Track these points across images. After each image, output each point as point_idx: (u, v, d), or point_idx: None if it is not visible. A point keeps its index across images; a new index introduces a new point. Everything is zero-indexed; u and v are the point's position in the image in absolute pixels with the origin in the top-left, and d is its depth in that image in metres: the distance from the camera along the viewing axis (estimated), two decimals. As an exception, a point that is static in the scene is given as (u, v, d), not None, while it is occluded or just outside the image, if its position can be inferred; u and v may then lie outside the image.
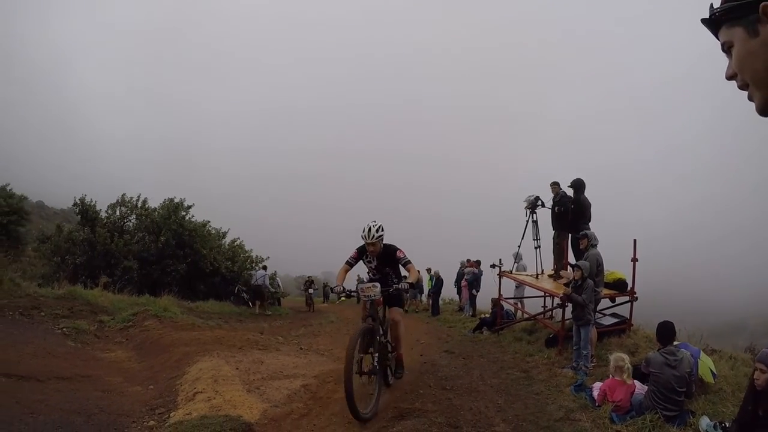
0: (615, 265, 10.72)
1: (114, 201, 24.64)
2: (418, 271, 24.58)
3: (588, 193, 11.44)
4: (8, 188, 27.35)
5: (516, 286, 15.30)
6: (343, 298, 7.51)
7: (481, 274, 18.77)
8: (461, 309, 20.41)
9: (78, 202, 23.55)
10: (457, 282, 21.12)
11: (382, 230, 7.05)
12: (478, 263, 19.29)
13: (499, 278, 14.00)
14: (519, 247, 13.91)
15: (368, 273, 7.60)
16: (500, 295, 14.11)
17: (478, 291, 18.84)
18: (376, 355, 6.44)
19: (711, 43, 1.34)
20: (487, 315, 15.02)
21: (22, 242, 27.19)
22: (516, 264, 14.94)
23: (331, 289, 8.21)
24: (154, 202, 25.39)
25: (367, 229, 6.96)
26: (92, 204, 23.69)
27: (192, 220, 25.11)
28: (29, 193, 32.33)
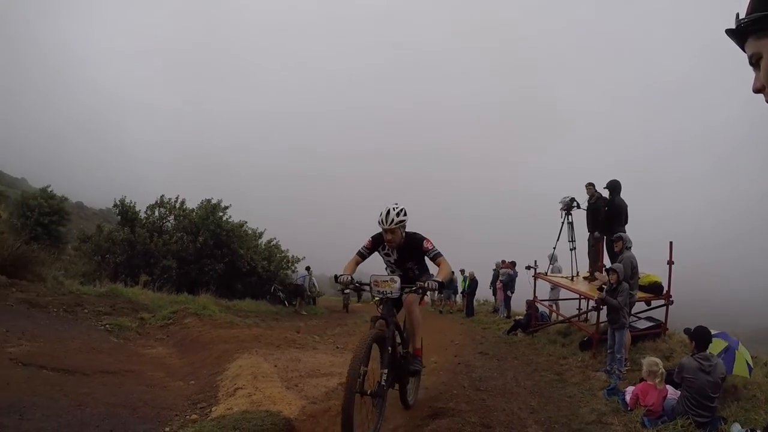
0: (648, 267, 10.66)
1: (153, 202, 25.30)
2: (453, 272, 24.50)
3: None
4: (49, 189, 28.78)
5: (551, 288, 15.21)
6: (349, 293, 6.07)
7: (516, 276, 18.71)
8: (496, 310, 20.38)
9: (118, 203, 24.34)
10: (493, 283, 21.03)
11: (405, 215, 5.64)
12: (513, 264, 19.20)
13: (534, 280, 13.95)
14: (554, 248, 13.88)
15: (386, 269, 6.16)
16: (535, 296, 14.05)
17: (512, 292, 18.77)
18: (385, 371, 5.01)
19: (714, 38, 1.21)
20: (522, 317, 14.98)
21: (62, 241, 28.35)
22: (551, 266, 14.92)
23: (336, 278, 5.88)
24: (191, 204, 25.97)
25: (385, 213, 5.56)
26: (132, 205, 24.41)
27: (229, 220, 25.47)
28: (69, 194, 33.24)
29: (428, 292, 5.48)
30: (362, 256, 5.93)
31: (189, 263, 23.40)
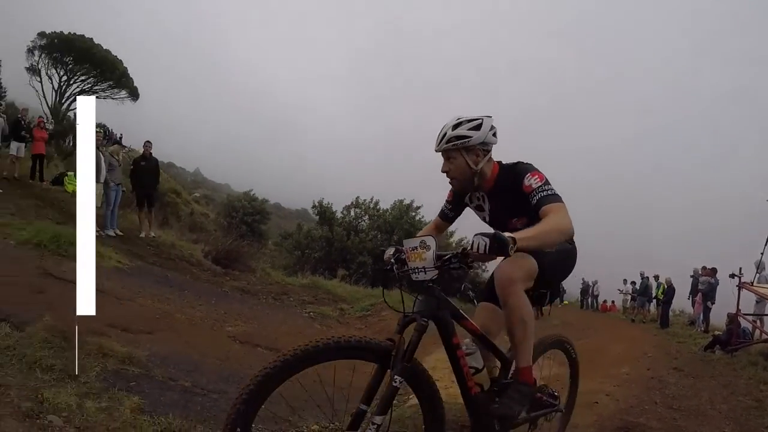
0: None
1: (349, 203, 28.21)
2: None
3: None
4: (251, 193, 35.02)
5: (756, 301, 13.99)
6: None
7: (717, 284, 17.51)
8: (692, 323, 19.33)
9: (316, 204, 27.67)
10: (692, 293, 19.73)
11: (477, 129, 2.95)
12: (713, 271, 17.99)
13: (738, 290, 13.01)
14: (762, 254, 12.85)
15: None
16: (738, 309, 13.03)
17: (713, 303, 17.59)
18: (376, 420, 2.57)
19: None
20: (722, 332, 14.09)
21: (264, 238, 33.26)
22: (758, 274, 13.77)
23: (383, 254, 3.24)
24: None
25: (441, 129, 3.04)
26: (329, 206, 27.52)
27: (422, 220, 26.83)
28: (267, 196, 38.21)
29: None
30: (444, 216, 3.58)
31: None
